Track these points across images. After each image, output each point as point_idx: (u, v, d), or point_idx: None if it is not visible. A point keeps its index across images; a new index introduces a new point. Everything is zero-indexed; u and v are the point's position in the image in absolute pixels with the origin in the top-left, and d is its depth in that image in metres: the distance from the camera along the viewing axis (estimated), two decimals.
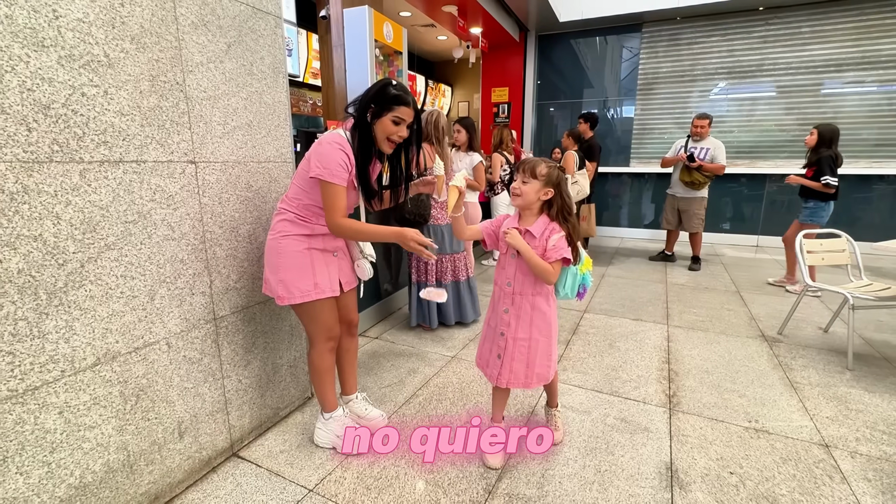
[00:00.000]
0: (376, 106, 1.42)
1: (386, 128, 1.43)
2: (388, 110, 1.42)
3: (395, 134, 1.45)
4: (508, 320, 1.55)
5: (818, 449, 1.69)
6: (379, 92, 1.42)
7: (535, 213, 1.49)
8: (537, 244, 1.46)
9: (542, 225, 1.47)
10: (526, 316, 1.53)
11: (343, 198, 1.41)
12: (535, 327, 1.53)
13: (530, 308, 1.52)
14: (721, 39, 5.46)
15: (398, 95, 1.41)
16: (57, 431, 1.13)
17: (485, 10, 4.91)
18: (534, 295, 1.52)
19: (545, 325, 1.54)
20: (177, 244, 1.38)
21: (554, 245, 1.44)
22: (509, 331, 1.55)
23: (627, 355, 2.50)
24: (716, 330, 2.87)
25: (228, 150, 1.53)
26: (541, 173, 1.42)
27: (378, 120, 1.43)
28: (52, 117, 1.07)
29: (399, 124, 1.44)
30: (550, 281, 1.48)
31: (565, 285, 1.53)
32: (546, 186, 1.44)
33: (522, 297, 1.52)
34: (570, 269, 1.53)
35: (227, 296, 1.58)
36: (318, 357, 1.59)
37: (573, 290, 1.55)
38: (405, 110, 1.43)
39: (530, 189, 1.44)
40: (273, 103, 1.69)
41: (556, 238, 1.44)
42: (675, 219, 4.47)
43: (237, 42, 1.53)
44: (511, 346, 1.55)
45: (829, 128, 3.42)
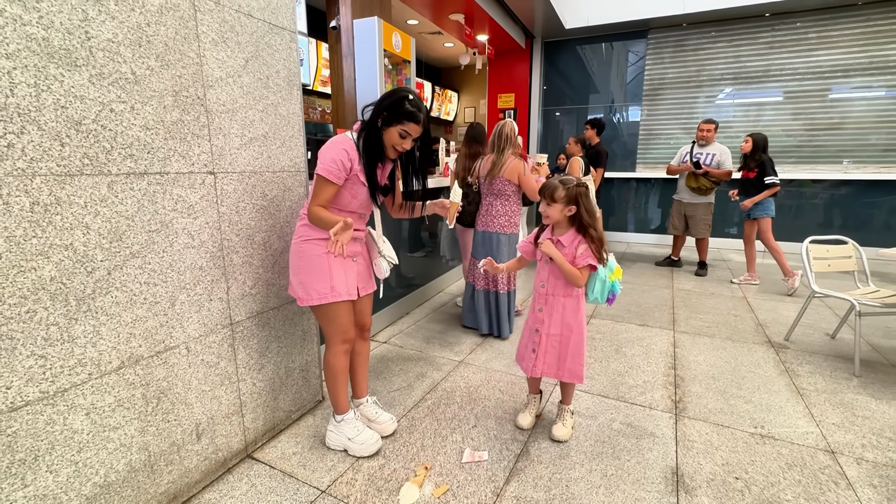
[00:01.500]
0: (388, 114, 1.48)
1: (392, 137, 1.50)
2: (398, 122, 1.47)
3: (399, 145, 1.51)
4: (542, 318, 1.76)
5: (824, 455, 1.71)
6: (396, 103, 1.47)
7: (565, 226, 1.69)
8: (567, 252, 1.66)
9: (571, 236, 1.68)
10: (557, 315, 1.74)
11: (327, 191, 1.46)
12: (565, 325, 1.73)
13: (561, 308, 1.73)
14: (727, 45, 5.48)
15: (412, 113, 1.47)
16: (84, 432, 1.18)
17: (491, 18, 4.97)
18: (564, 296, 1.72)
19: (576, 324, 1.72)
20: (196, 252, 1.44)
21: (581, 253, 1.63)
22: (543, 328, 1.76)
23: (634, 361, 2.52)
24: (722, 336, 2.88)
25: (245, 161, 1.59)
26: (560, 196, 1.61)
27: (387, 128, 1.49)
28: (84, 132, 1.12)
29: (405, 138, 1.51)
30: (579, 284, 1.68)
31: (594, 290, 1.71)
32: (568, 205, 1.63)
33: (554, 298, 1.74)
34: (599, 276, 1.69)
35: (243, 301, 1.63)
36: (333, 358, 1.64)
37: (602, 296, 1.71)
38: (413, 127, 1.49)
39: (554, 211, 1.64)
40: (287, 115, 1.75)
41: (584, 248, 1.64)
42: (682, 224, 4.48)
43: (254, 57, 1.59)
44: (545, 341, 1.77)
45: (762, 136, 3.95)
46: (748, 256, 4.16)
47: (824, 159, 5.30)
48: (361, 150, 1.48)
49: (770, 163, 3.86)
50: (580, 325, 1.73)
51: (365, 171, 1.50)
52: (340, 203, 1.53)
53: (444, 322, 3.13)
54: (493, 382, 2.27)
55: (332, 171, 1.43)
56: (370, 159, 1.50)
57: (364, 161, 1.49)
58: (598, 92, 6.30)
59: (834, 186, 5.28)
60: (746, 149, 3.95)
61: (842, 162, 5.22)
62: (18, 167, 1.01)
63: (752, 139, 3.92)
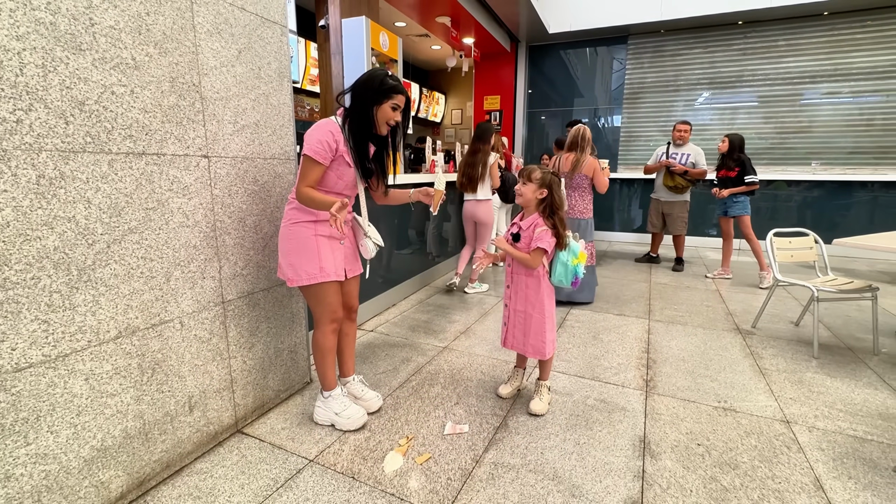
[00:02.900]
0: (377, 96, 1.58)
1: (385, 113, 1.60)
2: (388, 98, 1.58)
3: (392, 118, 1.62)
4: (510, 294, 1.93)
5: (779, 424, 1.84)
6: (380, 82, 1.58)
7: (534, 209, 1.81)
8: (525, 234, 1.78)
9: (530, 220, 1.80)
10: (521, 292, 1.88)
11: (314, 171, 1.54)
12: (528, 303, 1.87)
13: (524, 286, 1.87)
14: (703, 51, 5.71)
15: (395, 86, 1.59)
16: (83, 396, 1.25)
17: (477, 22, 5.11)
18: (526, 275, 1.86)
19: (538, 303, 1.84)
20: (190, 231, 1.51)
21: (536, 236, 1.75)
22: (511, 303, 1.92)
23: (610, 346, 2.65)
24: (694, 324, 3.03)
25: (238, 147, 1.67)
26: (535, 177, 1.77)
27: (379, 107, 1.59)
28: (87, 112, 1.20)
29: (396, 110, 1.61)
30: (532, 266, 1.80)
31: (556, 273, 1.82)
32: (540, 188, 1.77)
33: (518, 276, 1.88)
34: (560, 259, 1.80)
35: (235, 281, 1.71)
36: (321, 337, 1.72)
37: (567, 279, 1.82)
38: (401, 98, 1.60)
39: (528, 190, 1.79)
40: (278, 105, 1.84)
41: (539, 231, 1.76)
42: (660, 222, 4.66)
43: (247, 48, 1.67)
44: (512, 316, 1.92)
45: (739, 136, 4.09)
46: (725, 252, 4.34)
47: (794, 161, 5.55)
48: (350, 132, 1.57)
49: (749, 162, 4.03)
50: (541, 303, 1.84)
51: (356, 150, 1.59)
52: (326, 184, 1.61)
53: (429, 313, 3.22)
54: (476, 365, 2.37)
55: (319, 151, 1.52)
56: (362, 138, 1.59)
57: (354, 141, 1.58)
58: (582, 95, 6.49)
59: (806, 188, 5.51)
60: (723, 149, 4.10)
61: (811, 163, 5.47)
62: (26, 142, 1.08)
63: (728, 139, 4.07)
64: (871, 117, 5.20)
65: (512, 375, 2.09)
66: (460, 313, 3.22)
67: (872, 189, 5.24)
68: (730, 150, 4.07)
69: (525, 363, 2.10)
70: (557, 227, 1.78)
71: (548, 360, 1.93)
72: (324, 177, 1.59)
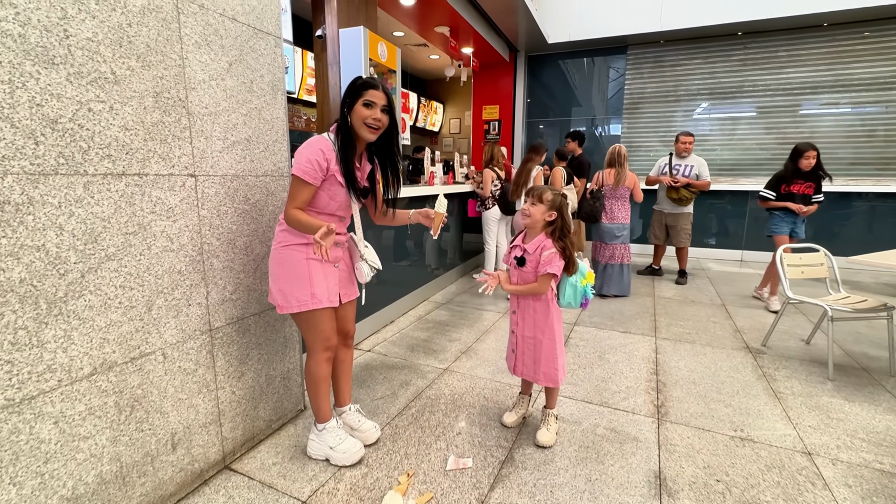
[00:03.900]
0: (350, 98, 1.49)
1: (360, 113, 1.47)
2: (358, 97, 1.48)
3: (369, 117, 1.48)
4: (516, 320, 1.82)
5: (801, 457, 1.74)
6: (349, 86, 1.50)
7: (539, 230, 1.73)
8: (531, 258, 1.69)
9: (536, 242, 1.70)
10: (529, 318, 1.78)
11: (304, 192, 1.44)
12: (537, 328, 1.77)
13: (532, 311, 1.77)
14: (703, 62, 5.69)
15: (364, 82, 1.49)
16: (52, 441, 1.13)
17: (476, 32, 5.06)
18: (534, 300, 1.76)
19: (547, 328, 1.75)
20: (175, 255, 1.41)
21: (544, 260, 1.66)
22: (518, 329, 1.82)
23: (617, 367, 2.55)
24: (702, 342, 2.93)
25: (228, 164, 1.57)
26: (547, 199, 1.68)
27: (353, 110, 1.49)
28: (60, 131, 1.10)
29: (371, 107, 1.48)
30: (540, 293, 1.71)
31: (565, 295, 1.75)
32: (550, 210, 1.69)
33: (525, 301, 1.78)
34: (569, 281, 1.73)
35: (223, 307, 1.60)
36: (315, 366, 1.61)
37: (576, 300, 1.75)
38: (373, 92, 1.48)
39: (537, 211, 1.69)
40: (271, 119, 1.74)
41: (547, 254, 1.67)
42: (663, 234, 4.58)
43: (238, 61, 1.58)
44: (521, 343, 1.82)
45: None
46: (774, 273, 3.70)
47: None
48: (339, 148, 1.48)
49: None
50: (552, 328, 1.75)
51: (343, 167, 1.49)
52: (318, 205, 1.52)
53: (429, 330, 3.11)
54: (478, 390, 2.26)
55: (308, 171, 1.42)
56: (346, 153, 1.49)
57: (341, 158, 1.48)
58: (581, 105, 6.45)
59: None
60: (812, 164, 3.50)
61: None
62: None
63: (818, 154, 3.51)
64: (872, 128, 5.17)
65: (517, 402, 1.98)
66: (461, 331, 3.11)
67: (873, 200, 5.19)
68: (817, 164, 3.54)
69: (531, 389, 2.00)
70: (567, 250, 1.70)
71: (556, 387, 1.83)
72: (315, 197, 1.49)
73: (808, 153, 3.48)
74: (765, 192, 3.72)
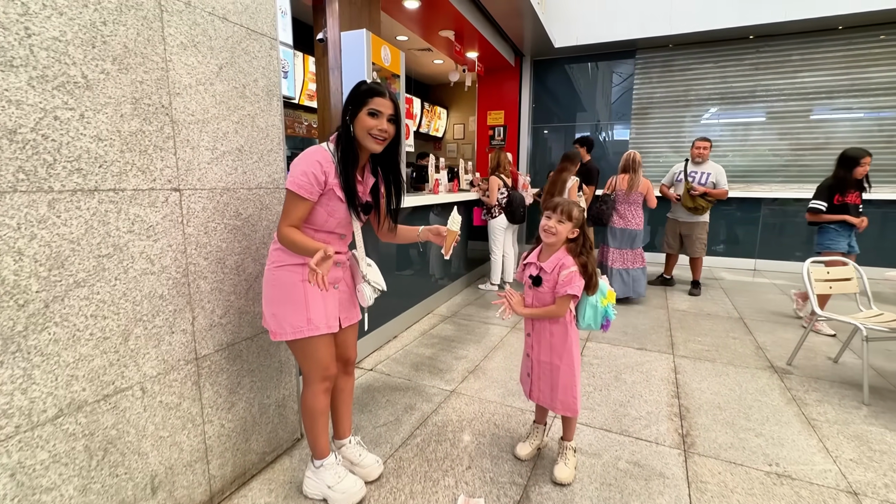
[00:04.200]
0: (353, 106, 1.35)
1: (364, 123, 1.33)
2: (363, 105, 1.34)
3: (374, 128, 1.33)
4: (532, 344, 1.69)
5: (846, 497, 1.58)
6: (353, 92, 1.36)
7: (558, 247, 1.59)
8: (549, 277, 1.56)
9: (553, 261, 1.57)
10: (545, 341, 1.64)
11: (299, 208, 1.30)
12: (554, 353, 1.63)
13: (549, 334, 1.63)
14: (714, 66, 5.55)
15: (370, 88, 1.35)
16: (7, 497, 0.99)
17: (481, 35, 4.95)
18: (551, 322, 1.61)
19: (565, 353, 1.61)
20: (156, 279, 1.27)
21: (563, 280, 1.52)
22: (533, 353, 1.69)
23: (635, 389, 2.39)
24: (723, 360, 2.77)
25: (217, 177, 1.43)
26: (575, 216, 1.55)
27: (356, 119, 1.34)
28: (19, 143, 0.96)
29: (377, 116, 1.34)
30: (559, 315, 1.58)
31: (585, 317, 1.62)
32: (575, 227, 1.57)
33: (541, 324, 1.64)
34: (590, 301, 1.61)
35: (211, 333, 1.46)
36: (311, 398, 1.46)
37: (596, 322, 1.62)
38: (379, 101, 1.34)
39: (564, 229, 1.55)
40: (266, 127, 1.61)
41: (566, 274, 1.53)
42: (677, 243, 4.42)
43: (229, 64, 1.45)
44: (536, 368, 1.69)
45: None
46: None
47: (811, 178, 5.33)
48: (339, 160, 1.34)
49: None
50: (570, 353, 1.61)
51: (341, 180, 1.35)
52: (315, 222, 1.37)
53: (434, 346, 2.97)
54: (488, 415, 2.11)
55: (304, 185, 1.28)
56: (347, 165, 1.35)
57: (341, 170, 1.34)
58: (588, 110, 6.32)
59: None
60: (865, 172, 3.23)
61: None
62: None
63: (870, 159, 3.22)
64: (891, 134, 5.01)
65: (531, 432, 1.83)
66: (467, 347, 2.96)
67: (884, 207, 5.02)
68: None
69: (545, 417, 1.85)
70: (588, 267, 1.56)
71: (574, 416, 1.68)
72: (312, 213, 1.35)
73: (864, 160, 3.15)
74: (817, 204, 3.31)
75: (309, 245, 1.25)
